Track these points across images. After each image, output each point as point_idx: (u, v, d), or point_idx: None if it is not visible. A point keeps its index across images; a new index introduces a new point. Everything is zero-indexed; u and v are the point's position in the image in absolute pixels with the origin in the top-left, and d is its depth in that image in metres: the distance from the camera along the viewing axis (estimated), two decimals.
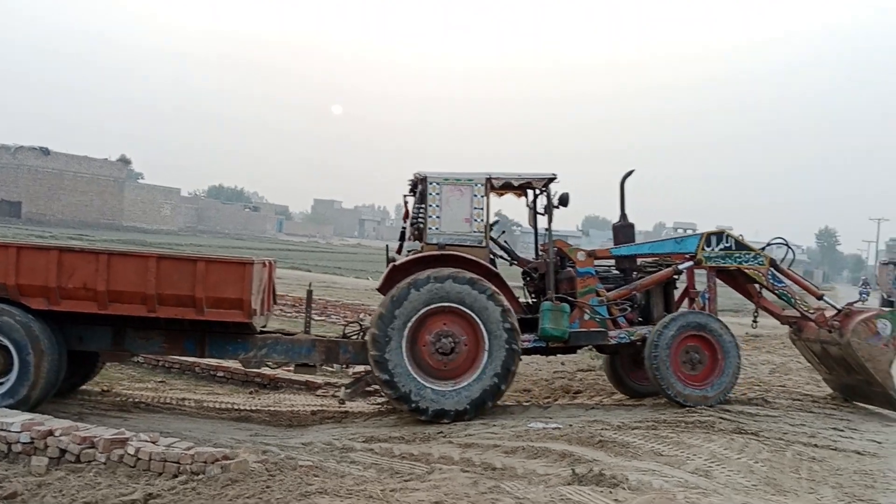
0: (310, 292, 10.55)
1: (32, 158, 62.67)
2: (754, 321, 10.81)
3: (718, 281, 10.32)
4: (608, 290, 9.87)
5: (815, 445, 7.94)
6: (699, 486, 6.15)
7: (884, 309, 11.02)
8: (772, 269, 10.04)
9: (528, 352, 9.71)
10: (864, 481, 6.80)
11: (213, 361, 11.54)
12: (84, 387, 10.60)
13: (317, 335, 10.14)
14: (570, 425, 8.33)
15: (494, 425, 8.62)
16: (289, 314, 17.95)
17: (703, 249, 10.01)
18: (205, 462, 6.28)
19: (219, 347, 9.45)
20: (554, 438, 7.75)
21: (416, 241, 9.61)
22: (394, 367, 8.88)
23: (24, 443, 6.77)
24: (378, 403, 10.70)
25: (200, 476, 6.16)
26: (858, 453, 7.78)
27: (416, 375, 8.92)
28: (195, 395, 10.73)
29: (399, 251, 9.93)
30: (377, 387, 9.79)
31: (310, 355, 9.57)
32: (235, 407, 10.26)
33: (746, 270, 10.05)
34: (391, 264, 9.47)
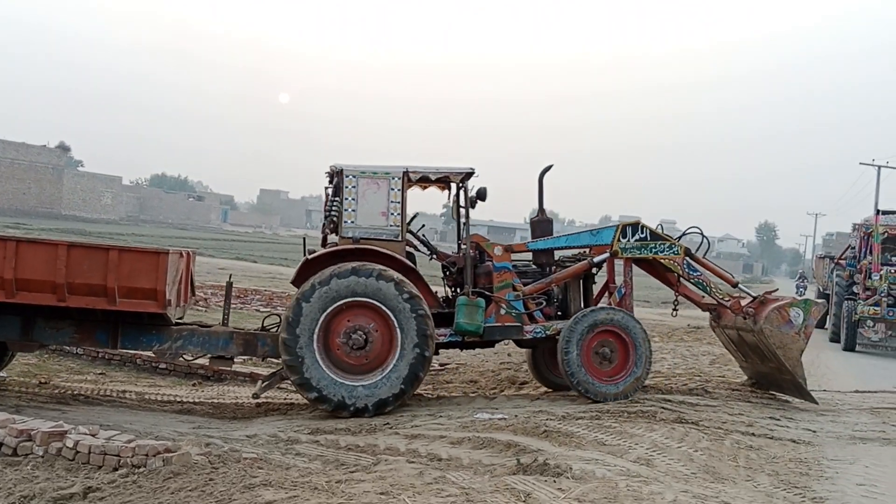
0: (229, 284, 10.42)
1: None
2: (674, 310, 10.96)
3: (648, 273, 10.53)
4: (526, 284, 9.91)
5: (753, 434, 8.15)
6: (641, 474, 6.27)
7: (797, 297, 11.26)
8: (687, 258, 10.11)
9: (444, 346, 9.77)
10: (800, 469, 7.00)
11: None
12: (21, 379, 10.33)
13: (235, 327, 9.99)
14: (516, 416, 8.41)
15: (441, 416, 8.66)
16: (233, 305, 17.66)
17: (618, 241, 10.02)
18: (146, 455, 6.18)
19: (132, 339, 9.27)
20: (500, 429, 7.81)
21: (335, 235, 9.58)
22: (304, 364, 8.80)
23: None
24: None
25: (142, 469, 6.07)
26: (794, 442, 8.02)
27: (330, 372, 8.83)
28: (136, 388, 10.54)
29: (323, 244, 9.93)
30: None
31: (227, 347, 9.44)
32: (178, 399, 10.11)
33: (662, 260, 10.13)
34: (304, 258, 9.43)
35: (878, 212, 21.97)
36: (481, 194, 9.86)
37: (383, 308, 8.90)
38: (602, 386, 9.36)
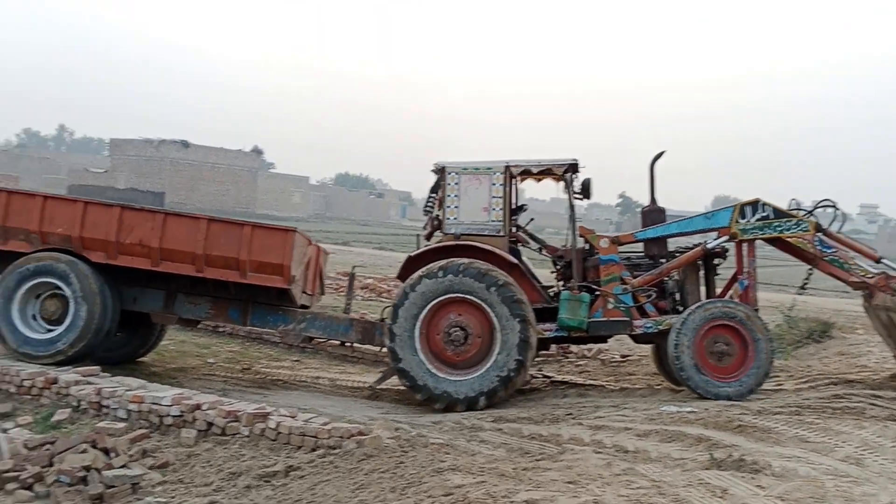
0: (352, 274, 10.97)
1: (174, 151, 66.19)
2: (802, 288, 10.01)
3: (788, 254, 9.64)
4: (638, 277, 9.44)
5: None
6: (850, 474, 5.82)
7: None
8: (818, 234, 9.21)
9: (552, 341, 9.59)
10: None
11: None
12: (226, 364, 11.14)
13: (355, 316, 10.42)
14: (706, 409, 8.04)
15: (625, 408, 8.45)
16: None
17: (736, 222, 9.28)
18: (341, 437, 6.48)
19: (261, 317, 9.78)
20: (689, 422, 7.51)
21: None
22: (406, 358, 8.90)
23: (174, 416, 7.18)
24: None
25: (337, 450, 6.36)
26: None
27: (428, 365, 8.89)
28: (329, 374, 11.06)
29: (428, 239, 9.94)
30: None
31: (347, 334, 9.85)
32: (367, 386, 10.50)
33: (789, 239, 9.28)
34: (408, 255, 9.54)
35: None
36: (586, 186, 9.60)
37: (484, 306, 8.85)
38: (718, 385, 8.75)
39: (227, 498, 5.85)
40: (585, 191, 9.66)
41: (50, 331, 9.06)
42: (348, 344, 10.28)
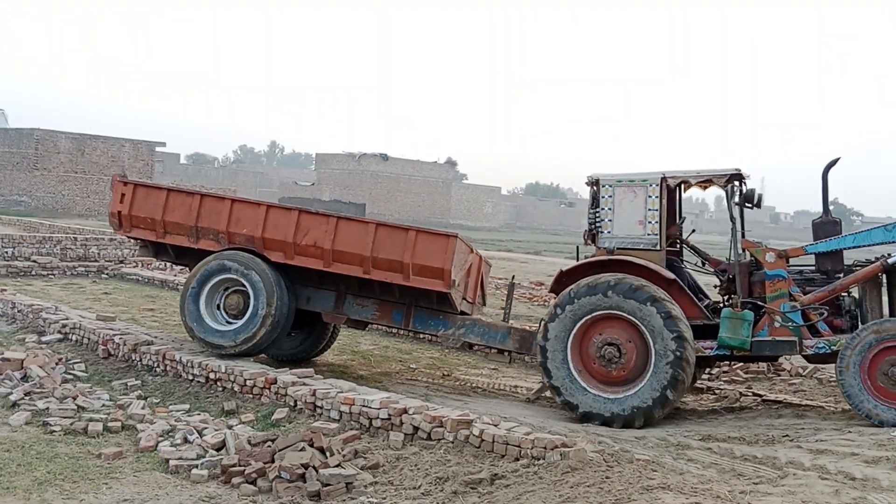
0: (512, 284, 11.00)
1: (374, 164, 69.44)
2: None
3: None
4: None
5: None
6: None
7: None
8: None
9: (715, 359, 9.15)
10: None
11: None
12: (427, 370, 11.46)
13: (514, 325, 10.45)
14: None
15: (850, 431, 7.80)
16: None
17: None
18: (544, 448, 6.43)
19: (422, 320, 10.04)
20: None
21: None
22: (557, 374, 8.80)
23: (383, 419, 7.45)
24: (712, 402, 10.23)
25: (541, 461, 6.32)
26: None
27: (582, 382, 8.76)
28: (526, 383, 11.08)
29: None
30: None
31: (504, 342, 9.94)
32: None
33: None
34: (560, 269, 9.36)
35: None
36: (749, 197, 9.04)
37: (636, 322, 8.53)
38: (882, 408, 7.96)
39: (434, 502, 5.98)
40: (751, 200, 9.13)
41: (230, 323, 9.77)
42: (506, 352, 10.30)
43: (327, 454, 6.57)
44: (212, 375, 9.05)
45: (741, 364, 11.16)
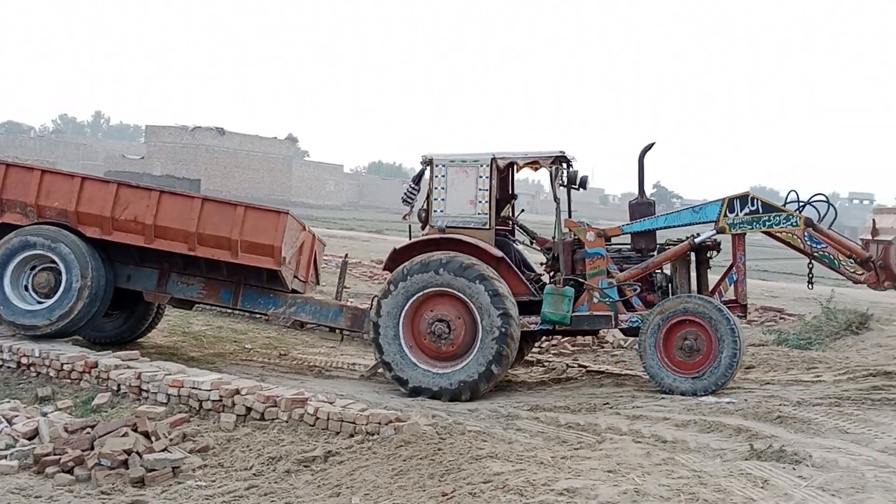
0: (344, 262, 10.96)
1: (209, 138, 66.85)
2: (809, 283, 9.62)
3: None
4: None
5: None
6: (890, 465, 5.72)
7: None
8: (808, 230, 8.94)
9: (541, 333, 9.60)
10: None
11: None
12: (263, 350, 11.26)
13: (345, 303, 10.49)
14: (745, 400, 7.98)
15: (663, 398, 8.39)
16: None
17: (725, 216, 9.06)
18: (379, 423, 6.52)
19: (251, 299, 9.91)
20: (727, 413, 7.45)
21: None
22: (389, 350, 8.94)
23: (214, 400, 7.28)
24: (541, 374, 10.69)
25: (375, 436, 6.40)
26: None
27: (412, 357, 8.93)
28: (364, 360, 11.12)
29: (423, 229, 9.81)
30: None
31: (336, 320, 9.97)
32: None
33: (779, 234, 9.09)
34: (393, 248, 9.55)
35: None
36: (573, 178, 9.47)
37: (465, 299, 8.82)
38: (680, 380, 8.60)
39: (266, 482, 5.92)
40: (574, 181, 9.51)
41: (40, 303, 9.24)
42: (338, 330, 10.32)
43: (152, 439, 6.33)
44: (24, 360, 8.51)
45: (568, 338, 11.71)
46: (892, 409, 7.56)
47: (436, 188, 9.41)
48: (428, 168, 9.49)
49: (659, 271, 9.53)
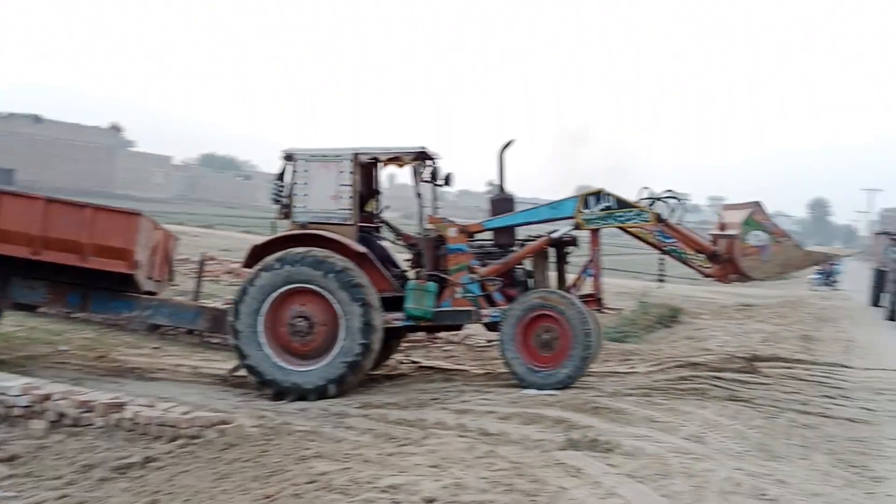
0: (202, 261, 10.73)
1: (25, 126, 62.21)
2: (660, 280, 10.47)
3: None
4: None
5: (808, 413, 8.02)
6: (693, 451, 6.21)
7: (737, 223, 9.64)
8: (660, 225, 9.31)
9: (406, 330, 9.60)
10: (857, 448, 6.87)
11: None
12: (80, 352, 10.62)
13: (204, 304, 10.22)
14: (565, 391, 8.40)
15: (489, 392, 8.68)
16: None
17: (580, 212, 9.31)
18: (202, 426, 6.34)
19: (102, 304, 9.53)
20: (548, 405, 7.80)
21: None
22: (252, 353, 8.79)
23: (23, 406, 6.83)
24: (374, 372, 10.75)
25: (198, 440, 6.23)
26: (851, 420, 7.87)
27: (275, 358, 8.79)
28: (190, 362, 10.74)
29: None
30: None
31: (195, 322, 9.72)
32: (222, 374, 10.24)
33: (631, 229, 9.40)
34: (253, 244, 9.44)
35: None
36: (435, 173, 9.57)
37: (324, 293, 8.78)
38: (535, 373, 8.85)
39: (79, 491, 5.63)
40: (436, 176, 9.59)
41: None
42: (198, 332, 10.02)
43: None
44: None
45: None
46: (697, 398, 8.20)
47: (297, 183, 9.25)
48: (289, 163, 9.29)
49: (520, 267, 9.71)
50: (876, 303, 22.34)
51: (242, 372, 9.39)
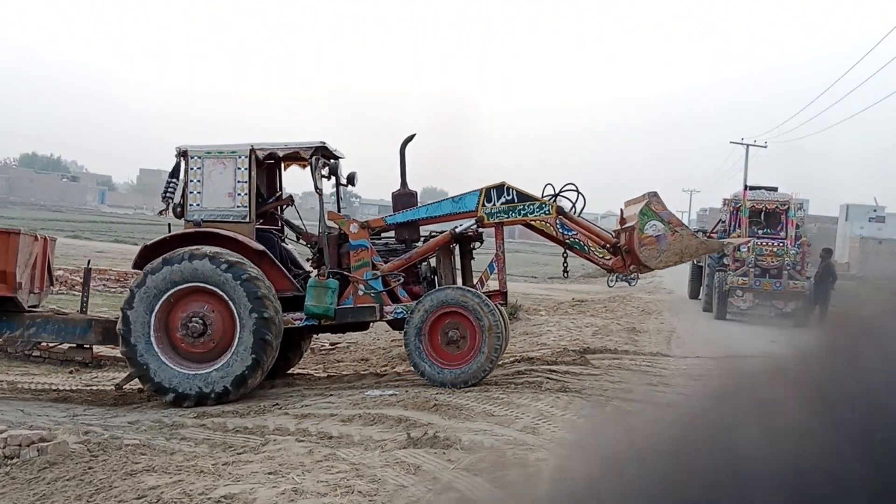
0: (87, 270, 10.04)
1: None
2: (564, 271, 10.51)
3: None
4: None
5: (632, 400, 8.50)
6: (527, 442, 6.45)
7: (635, 215, 9.74)
8: (560, 217, 9.34)
9: (308, 330, 9.43)
10: None
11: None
12: None
13: (94, 315, 9.59)
14: (406, 391, 8.48)
15: (331, 395, 8.64)
16: (113, 290, 17.08)
17: (483, 206, 9.27)
18: (19, 445, 5.94)
19: None
20: (390, 405, 7.86)
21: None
22: (143, 359, 8.39)
23: None
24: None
25: (15, 460, 5.83)
26: (669, 406, 8.39)
27: (169, 363, 8.40)
28: (8, 377, 10.00)
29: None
30: None
31: (85, 336, 9.06)
32: (54, 387, 9.65)
33: (533, 222, 9.42)
34: (143, 244, 9.13)
35: (746, 187, 23.14)
36: (334, 170, 9.52)
37: (217, 291, 8.46)
38: (442, 371, 8.74)
39: None
40: (335, 173, 9.52)
41: None
42: (87, 347, 9.33)
43: None
44: None
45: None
46: (532, 391, 8.50)
47: (191, 181, 8.85)
48: (183, 160, 8.87)
49: (425, 263, 9.61)
50: (695, 296, 23.99)
51: (135, 383, 8.87)
